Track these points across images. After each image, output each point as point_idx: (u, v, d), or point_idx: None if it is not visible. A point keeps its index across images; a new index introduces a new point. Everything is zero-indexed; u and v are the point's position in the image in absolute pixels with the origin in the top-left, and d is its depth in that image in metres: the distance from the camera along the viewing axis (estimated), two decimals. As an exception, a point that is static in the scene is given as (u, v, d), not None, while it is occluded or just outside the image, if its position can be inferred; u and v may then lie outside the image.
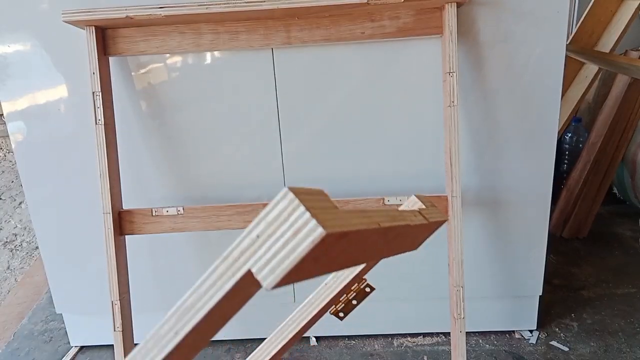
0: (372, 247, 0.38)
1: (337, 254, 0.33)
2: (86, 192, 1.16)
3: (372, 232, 0.35)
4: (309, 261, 0.30)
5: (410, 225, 0.43)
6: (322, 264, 0.32)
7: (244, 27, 1.02)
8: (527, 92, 1.08)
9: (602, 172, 1.73)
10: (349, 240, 0.32)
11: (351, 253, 0.35)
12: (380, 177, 1.15)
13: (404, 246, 0.46)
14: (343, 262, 0.35)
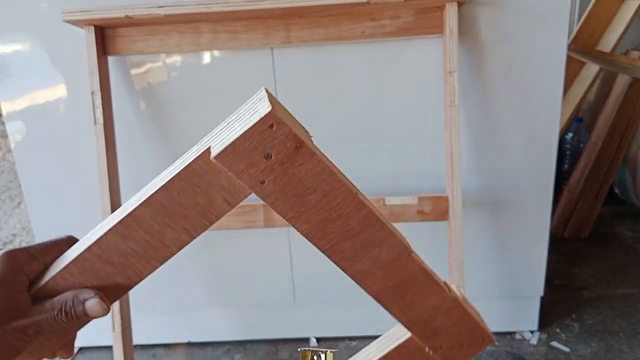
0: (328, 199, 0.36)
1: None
2: (86, 192, 1.16)
3: (327, 168, 0.36)
4: (254, 137, 0.33)
5: (395, 235, 0.39)
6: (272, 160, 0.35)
7: (244, 26, 1.02)
8: (528, 91, 1.08)
9: (603, 172, 1.73)
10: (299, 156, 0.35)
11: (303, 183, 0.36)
12: (380, 177, 1.15)
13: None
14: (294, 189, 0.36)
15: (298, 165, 0.35)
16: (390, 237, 0.39)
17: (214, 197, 0.37)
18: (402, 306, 0.43)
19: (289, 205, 0.36)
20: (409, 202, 1.03)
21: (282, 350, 1.31)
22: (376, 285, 0.41)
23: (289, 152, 0.34)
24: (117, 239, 0.37)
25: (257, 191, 0.36)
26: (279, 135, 0.34)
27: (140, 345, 1.36)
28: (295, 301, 1.27)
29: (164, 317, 1.32)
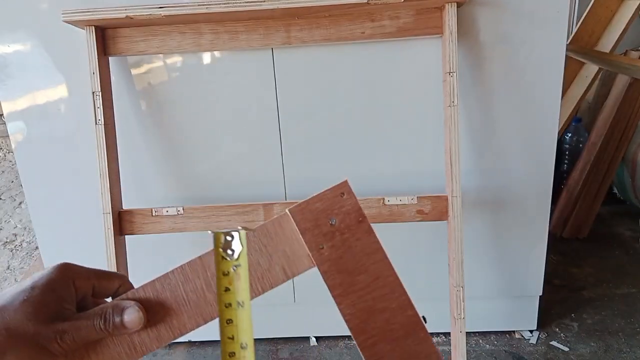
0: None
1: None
2: (86, 192, 1.16)
3: None
4: (326, 200, 0.36)
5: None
6: None
7: (244, 27, 1.02)
8: (527, 92, 1.08)
9: (602, 172, 1.73)
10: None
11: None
12: (380, 177, 1.15)
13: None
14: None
15: (356, 239, 0.36)
16: (434, 355, 0.37)
17: (275, 262, 0.37)
18: None
19: (340, 280, 0.36)
20: (408, 202, 1.04)
21: (282, 350, 1.31)
22: None
23: (351, 222, 0.36)
24: (180, 280, 0.38)
25: (315, 255, 0.36)
26: (347, 204, 0.36)
27: (140, 345, 1.36)
28: (295, 301, 1.28)
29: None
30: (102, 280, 0.39)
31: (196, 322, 0.37)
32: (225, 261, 0.37)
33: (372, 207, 1.04)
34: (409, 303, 0.37)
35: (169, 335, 0.37)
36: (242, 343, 0.35)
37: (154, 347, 0.37)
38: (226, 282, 0.36)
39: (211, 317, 0.37)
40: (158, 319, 0.37)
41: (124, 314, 0.37)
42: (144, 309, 0.37)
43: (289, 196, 1.17)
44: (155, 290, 0.38)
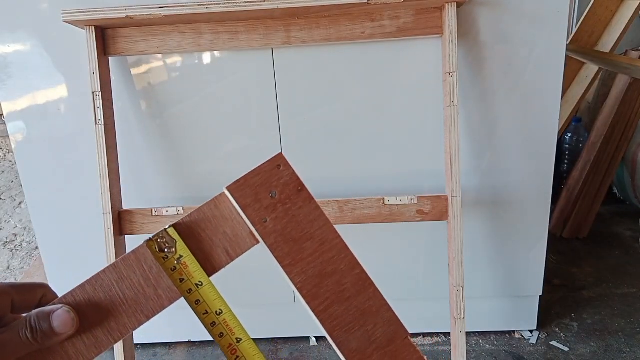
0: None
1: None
2: (86, 192, 1.16)
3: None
4: (263, 174, 0.38)
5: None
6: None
7: (244, 27, 1.02)
8: (527, 92, 1.08)
9: (602, 172, 1.73)
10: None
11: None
12: (380, 177, 1.15)
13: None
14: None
15: (298, 208, 0.37)
16: (385, 309, 0.37)
17: (217, 246, 0.37)
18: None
19: (287, 250, 0.37)
20: (408, 202, 1.04)
21: (282, 350, 1.31)
22: None
23: (291, 193, 0.37)
24: (113, 279, 0.36)
25: (259, 229, 0.37)
26: (285, 176, 0.37)
27: (140, 344, 1.36)
28: (296, 300, 1.28)
29: (164, 316, 1.32)
30: (22, 292, 0.35)
31: (137, 320, 0.36)
32: (168, 260, 0.36)
33: (372, 207, 1.04)
34: (356, 262, 0.37)
35: (108, 339, 0.35)
36: (216, 311, 0.36)
37: (92, 355, 0.34)
38: (177, 275, 0.36)
39: (153, 312, 0.36)
40: (93, 324, 0.35)
41: (52, 319, 0.33)
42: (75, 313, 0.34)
43: (289, 196, 1.17)
44: (85, 293, 0.36)
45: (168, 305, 0.37)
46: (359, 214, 1.04)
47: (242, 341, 0.37)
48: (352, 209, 1.05)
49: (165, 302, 0.37)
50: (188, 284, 0.36)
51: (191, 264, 0.36)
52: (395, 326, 0.37)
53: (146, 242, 0.36)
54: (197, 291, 0.36)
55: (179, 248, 0.37)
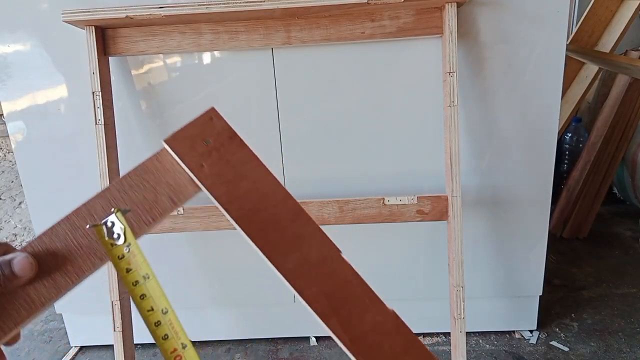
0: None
1: None
2: (87, 192, 1.16)
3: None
4: (197, 126, 0.43)
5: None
6: None
7: (244, 27, 1.02)
8: (527, 92, 1.08)
9: (602, 172, 1.74)
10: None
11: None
12: (380, 177, 1.15)
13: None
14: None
15: (232, 153, 0.41)
16: (317, 233, 0.41)
17: (160, 194, 0.41)
18: (342, 319, 0.40)
19: (224, 190, 0.40)
20: (408, 202, 1.04)
21: (282, 350, 1.31)
22: (310, 289, 0.40)
23: (224, 140, 0.41)
24: (67, 229, 0.39)
25: (197, 174, 0.41)
26: (217, 126, 0.41)
27: (141, 344, 1.36)
28: (295, 301, 1.28)
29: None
30: None
31: (92, 263, 0.38)
32: (116, 247, 0.38)
33: (372, 207, 1.04)
34: (288, 195, 0.41)
35: (67, 282, 0.37)
36: (162, 309, 0.37)
37: (52, 296, 0.37)
38: (125, 264, 0.38)
39: (105, 254, 0.38)
40: (52, 269, 0.38)
41: (13, 264, 0.36)
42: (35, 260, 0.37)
43: (289, 196, 1.17)
44: (43, 244, 0.39)
45: None
46: (359, 214, 1.04)
47: (187, 348, 0.36)
48: (352, 209, 1.05)
49: None
50: (134, 274, 0.37)
51: (138, 253, 0.38)
52: (328, 246, 0.41)
53: (94, 226, 0.38)
54: (144, 284, 0.37)
55: (127, 234, 0.38)
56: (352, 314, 0.40)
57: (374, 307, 0.41)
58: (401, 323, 0.41)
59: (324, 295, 0.40)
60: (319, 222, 1.03)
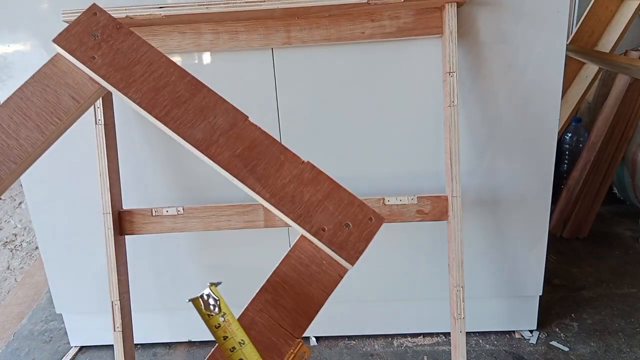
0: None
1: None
2: (86, 192, 1.16)
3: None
4: (82, 22, 0.45)
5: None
6: None
7: (244, 27, 1.02)
8: (527, 92, 1.08)
9: (602, 172, 1.73)
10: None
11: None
12: (380, 177, 1.15)
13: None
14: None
15: (121, 42, 0.43)
16: (220, 102, 0.43)
17: (62, 94, 0.43)
18: (259, 176, 0.42)
19: (119, 77, 0.42)
20: (408, 202, 1.04)
21: (282, 350, 1.31)
22: (223, 154, 0.42)
23: (112, 31, 0.44)
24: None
25: (90, 66, 0.42)
26: (102, 20, 0.44)
27: (140, 344, 1.36)
28: (295, 301, 1.27)
29: (164, 316, 1.33)
30: None
31: (8, 167, 0.40)
32: (213, 317, 0.41)
33: (372, 207, 1.04)
34: (184, 72, 0.44)
35: None
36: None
37: None
38: (221, 332, 0.40)
39: (20, 157, 0.40)
40: None
41: None
42: None
43: (289, 196, 1.17)
44: None
45: (31, 153, 0.41)
46: (359, 214, 1.04)
47: None
48: (352, 209, 1.04)
49: (28, 148, 0.41)
50: (231, 342, 0.40)
51: (233, 321, 0.40)
52: (233, 113, 0.43)
53: (192, 300, 0.41)
54: (240, 349, 0.40)
55: (222, 304, 0.41)
56: (268, 170, 0.42)
57: (289, 161, 0.44)
58: (319, 172, 0.45)
59: (238, 158, 0.42)
60: (319, 222, 1.03)
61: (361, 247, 0.42)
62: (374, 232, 0.43)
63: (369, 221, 0.43)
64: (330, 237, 0.42)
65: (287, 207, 0.42)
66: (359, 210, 0.43)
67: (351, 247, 0.42)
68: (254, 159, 0.42)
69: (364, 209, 0.43)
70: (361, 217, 0.43)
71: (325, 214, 0.43)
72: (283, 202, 0.42)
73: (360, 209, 0.43)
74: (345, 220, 0.43)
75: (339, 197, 0.43)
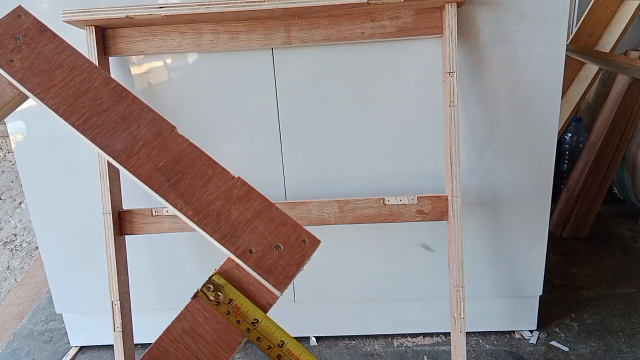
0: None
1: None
2: (86, 192, 1.16)
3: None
4: (5, 25, 0.42)
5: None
6: None
7: (244, 27, 1.02)
8: (527, 92, 1.08)
9: (602, 172, 1.74)
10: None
11: None
12: (380, 177, 1.15)
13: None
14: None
15: (43, 45, 0.42)
16: (146, 111, 0.40)
17: None
18: (182, 192, 0.39)
19: (37, 81, 0.41)
20: (408, 202, 1.04)
21: (282, 350, 1.31)
22: (144, 166, 0.39)
23: (34, 34, 0.42)
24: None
25: (7, 69, 0.41)
26: (26, 22, 0.42)
27: (141, 344, 1.36)
28: (295, 301, 1.28)
29: (164, 316, 1.33)
30: None
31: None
32: (221, 305, 0.39)
33: (372, 207, 1.04)
34: (109, 79, 0.41)
35: None
36: (278, 343, 0.38)
37: None
38: (233, 318, 0.39)
39: (4, 101, 0.40)
40: None
41: None
42: None
43: (289, 196, 1.17)
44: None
45: None
46: (359, 214, 1.04)
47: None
48: (352, 209, 1.05)
49: None
50: (245, 324, 0.38)
51: (243, 303, 0.39)
52: (159, 123, 0.40)
53: (198, 291, 0.40)
54: (255, 329, 0.38)
55: (228, 289, 0.39)
56: (193, 185, 0.39)
57: (218, 176, 0.41)
58: (250, 188, 0.41)
59: (159, 171, 0.39)
60: (319, 222, 1.03)
61: (292, 272, 0.40)
62: (307, 256, 0.40)
63: (302, 243, 0.40)
64: (258, 260, 0.39)
65: (211, 226, 0.39)
66: (292, 231, 0.40)
67: (280, 272, 0.40)
68: (178, 173, 0.39)
69: (297, 230, 0.40)
70: (294, 239, 0.40)
71: (254, 234, 0.39)
72: (207, 220, 0.39)
73: (293, 229, 0.40)
74: (276, 241, 0.40)
75: (271, 217, 0.39)
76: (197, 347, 0.38)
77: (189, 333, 0.38)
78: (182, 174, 0.39)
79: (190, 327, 0.38)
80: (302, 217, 1.02)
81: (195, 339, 0.38)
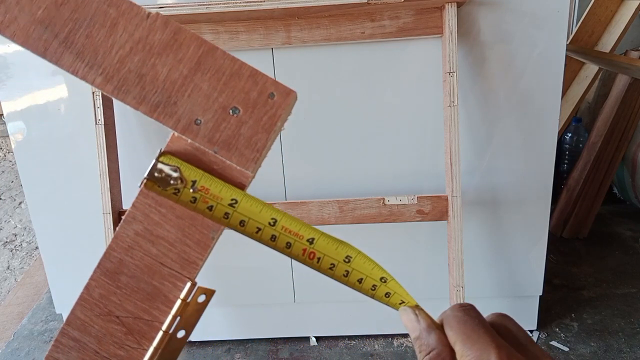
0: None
1: None
2: (86, 192, 1.16)
3: None
4: None
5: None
6: None
7: (244, 26, 1.02)
8: (527, 92, 1.08)
9: (602, 172, 1.73)
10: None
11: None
12: (380, 177, 1.15)
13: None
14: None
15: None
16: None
17: None
18: (79, 50, 0.27)
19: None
20: (408, 202, 1.04)
21: (282, 350, 1.31)
22: (17, 22, 0.28)
23: None
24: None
25: None
26: None
27: (140, 345, 1.36)
28: (295, 301, 1.28)
29: (164, 316, 1.33)
30: None
31: None
32: (182, 192, 0.29)
33: (372, 207, 1.04)
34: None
35: None
36: (269, 222, 0.30)
37: None
38: (202, 205, 0.29)
39: None
40: None
41: None
42: None
43: (289, 196, 1.17)
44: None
45: None
46: (359, 214, 1.04)
47: (315, 240, 0.30)
48: (352, 209, 1.05)
49: None
50: (221, 209, 0.29)
51: (212, 185, 0.29)
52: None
53: (144, 183, 0.30)
54: (236, 211, 0.30)
55: (189, 173, 0.29)
56: (94, 37, 0.27)
57: (125, 16, 0.28)
58: (178, 28, 0.29)
59: (40, 24, 0.29)
60: (319, 222, 1.03)
61: (260, 142, 0.28)
62: (278, 116, 0.28)
63: (268, 99, 0.28)
64: (209, 134, 0.29)
65: (133, 95, 0.28)
66: (252, 84, 0.28)
67: (244, 145, 0.29)
68: (68, 22, 0.27)
69: (258, 80, 0.28)
70: (256, 95, 0.28)
71: (196, 96, 0.28)
72: (126, 87, 0.27)
73: (252, 81, 0.28)
74: (231, 103, 0.28)
75: (217, 67, 0.27)
76: (160, 251, 0.29)
77: (145, 236, 0.29)
78: (73, 22, 0.27)
79: (144, 229, 0.29)
80: (302, 217, 1.02)
81: (154, 242, 0.29)
